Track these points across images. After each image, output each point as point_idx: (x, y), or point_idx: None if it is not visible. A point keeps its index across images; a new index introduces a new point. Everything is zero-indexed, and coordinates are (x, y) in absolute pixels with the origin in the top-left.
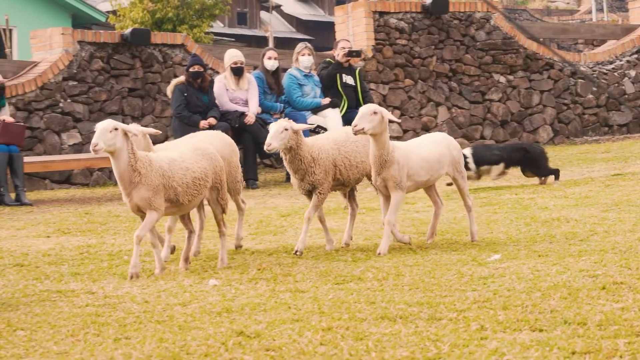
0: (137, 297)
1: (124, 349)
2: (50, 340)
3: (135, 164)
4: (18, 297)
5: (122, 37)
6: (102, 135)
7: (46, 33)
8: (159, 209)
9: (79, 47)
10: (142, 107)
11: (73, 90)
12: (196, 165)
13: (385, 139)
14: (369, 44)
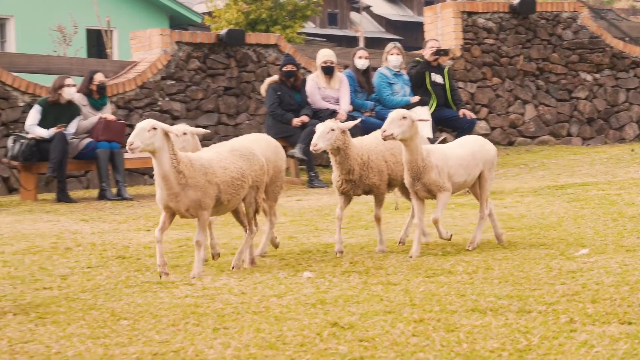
0: (234, 289)
1: (223, 338)
2: (152, 330)
3: (178, 165)
4: (121, 288)
5: (218, 37)
6: (139, 134)
7: (145, 34)
8: (208, 208)
9: (176, 48)
10: (237, 105)
11: (171, 89)
12: (233, 165)
13: (416, 143)
14: (458, 43)
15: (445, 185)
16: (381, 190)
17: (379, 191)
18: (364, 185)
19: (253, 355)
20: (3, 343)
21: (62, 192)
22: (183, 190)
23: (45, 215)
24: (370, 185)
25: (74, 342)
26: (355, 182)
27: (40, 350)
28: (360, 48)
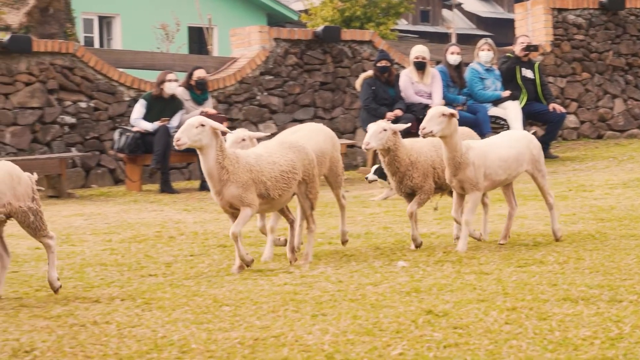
0: (331, 277)
1: (321, 324)
2: (253, 316)
3: (223, 161)
4: (222, 276)
5: (315, 34)
6: (187, 131)
7: (245, 31)
8: (252, 204)
9: (274, 44)
10: (333, 100)
11: (269, 84)
12: (283, 159)
13: (456, 140)
14: (548, 39)
15: (478, 185)
16: (425, 191)
17: (422, 192)
18: (405, 187)
19: (351, 341)
20: (112, 327)
21: (166, 183)
22: (224, 186)
23: (150, 205)
24: (413, 186)
25: (179, 326)
26: (398, 184)
27: (147, 335)
28: (452, 44)
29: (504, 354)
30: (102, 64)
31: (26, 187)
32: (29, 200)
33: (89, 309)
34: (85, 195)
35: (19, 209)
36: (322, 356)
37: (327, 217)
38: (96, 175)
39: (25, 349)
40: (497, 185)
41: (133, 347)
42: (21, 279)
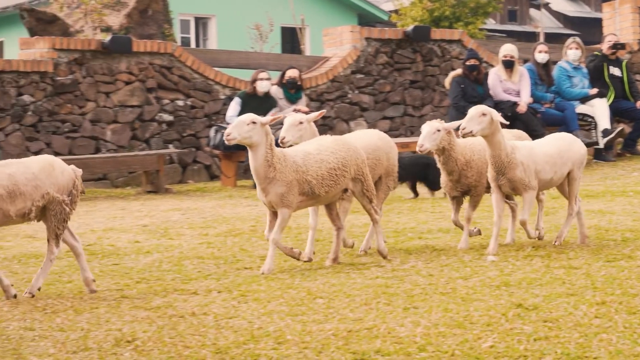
0: (422, 271)
1: (413, 317)
2: (346, 308)
3: (272, 159)
4: (315, 269)
5: (405, 33)
6: (238, 127)
7: (337, 31)
8: (291, 205)
9: (365, 43)
10: (422, 98)
11: (360, 82)
12: (332, 157)
13: (498, 139)
14: (635, 37)
15: (531, 184)
16: (478, 191)
17: (475, 191)
18: (461, 185)
19: (442, 334)
20: (209, 318)
21: None
22: (270, 184)
23: (245, 200)
24: (468, 185)
25: (274, 318)
26: (454, 183)
27: (243, 326)
28: (540, 42)
29: (594, 347)
30: (198, 64)
31: (68, 180)
32: (66, 194)
33: (188, 301)
34: (182, 190)
35: (55, 199)
36: (415, 348)
37: (417, 213)
38: (192, 171)
39: (127, 339)
40: (544, 187)
41: (230, 337)
42: (122, 271)
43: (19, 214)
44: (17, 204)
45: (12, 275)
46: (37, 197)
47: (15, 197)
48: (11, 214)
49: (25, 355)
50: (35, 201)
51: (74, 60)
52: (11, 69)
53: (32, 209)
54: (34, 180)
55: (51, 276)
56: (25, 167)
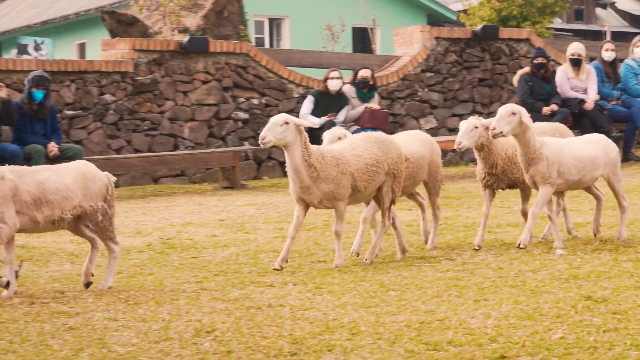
0: (491, 264)
1: (483, 309)
2: (418, 300)
3: (309, 159)
4: (388, 262)
5: (474, 33)
6: (272, 129)
7: (407, 31)
8: (345, 198)
9: (435, 43)
10: (491, 96)
11: (430, 81)
12: (367, 152)
13: (528, 137)
14: None
15: (550, 180)
16: (526, 184)
17: (523, 185)
18: (507, 180)
19: (512, 325)
20: (286, 310)
21: None
22: (315, 183)
23: None
24: (514, 180)
25: (348, 310)
26: (499, 176)
27: (318, 317)
28: (607, 41)
29: None
30: (273, 63)
31: (100, 187)
32: (101, 200)
33: (264, 293)
34: (257, 186)
35: (89, 208)
36: (486, 339)
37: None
38: (267, 167)
39: (206, 330)
40: (571, 186)
41: (306, 328)
42: (200, 264)
43: (47, 220)
44: (44, 211)
45: (95, 268)
46: (67, 207)
47: (41, 204)
48: (38, 220)
49: (109, 345)
50: (65, 211)
51: (154, 61)
52: (93, 70)
53: (63, 217)
54: (65, 190)
55: (133, 269)
56: (57, 176)
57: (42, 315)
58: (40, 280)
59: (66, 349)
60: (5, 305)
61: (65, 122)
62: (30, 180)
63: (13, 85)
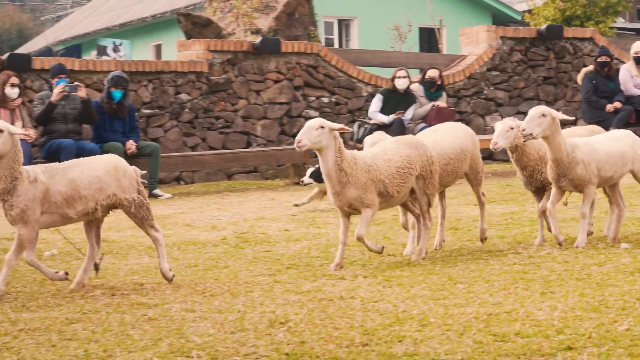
0: (557, 258)
1: (550, 301)
2: (486, 293)
3: (342, 163)
4: (455, 256)
5: (538, 32)
6: (307, 133)
7: (473, 30)
8: (373, 205)
9: (500, 42)
10: (555, 93)
11: (495, 79)
12: (397, 155)
13: (558, 140)
14: None
15: (592, 180)
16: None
17: (550, 186)
18: (536, 181)
19: (579, 317)
20: (357, 302)
21: None
22: (344, 188)
23: None
24: (542, 181)
25: (418, 302)
26: (528, 179)
27: (389, 309)
28: None
29: None
30: (342, 63)
31: (131, 180)
32: (135, 192)
33: (336, 285)
34: None
35: (124, 200)
36: (553, 330)
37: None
38: None
39: (280, 321)
40: (604, 182)
41: (377, 320)
42: (273, 257)
43: (80, 214)
44: (76, 207)
45: (172, 261)
46: (101, 197)
47: (74, 201)
48: (71, 215)
49: (187, 335)
50: (99, 201)
51: (227, 61)
52: (169, 70)
53: (97, 208)
54: (97, 183)
55: (208, 262)
56: (89, 170)
57: (122, 306)
58: (120, 273)
59: (146, 339)
60: (88, 296)
61: (142, 120)
62: (62, 180)
63: (93, 85)
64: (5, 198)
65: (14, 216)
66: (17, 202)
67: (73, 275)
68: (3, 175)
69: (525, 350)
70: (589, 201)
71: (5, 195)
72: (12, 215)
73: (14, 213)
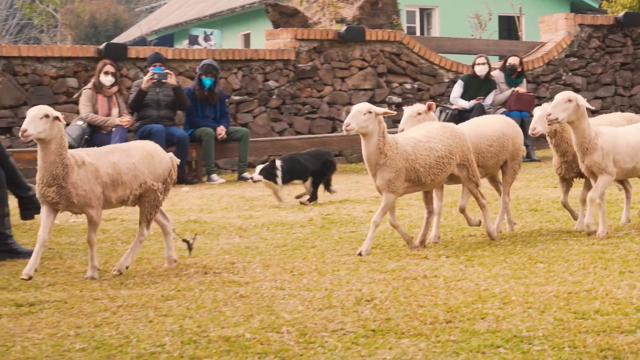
0: (635, 238)
1: (628, 280)
2: (566, 272)
3: (383, 147)
4: (535, 236)
5: (616, 19)
6: (355, 117)
7: (552, 18)
8: (396, 191)
9: (579, 29)
10: (632, 79)
11: (573, 65)
12: (441, 144)
13: (583, 126)
14: None
15: (607, 169)
16: (607, 170)
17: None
18: (577, 167)
19: None
20: (440, 281)
21: None
22: (380, 169)
23: None
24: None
25: (499, 281)
26: (570, 164)
27: (471, 287)
28: None
29: None
30: (424, 50)
31: (165, 169)
32: (161, 182)
33: (419, 265)
34: None
35: (151, 187)
36: (632, 309)
37: None
38: None
39: (366, 298)
40: (626, 174)
41: (459, 298)
42: (358, 238)
43: (119, 200)
44: (118, 192)
45: (261, 241)
46: (135, 185)
47: (117, 185)
48: (112, 200)
49: (277, 312)
50: (133, 189)
51: (313, 49)
52: (258, 58)
53: (130, 196)
54: (134, 170)
55: (296, 242)
56: (127, 156)
57: (215, 284)
58: (212, 252)
59: (237, 315)
60: (182, 275)
61: (232, 106)
62: (106, 162)
63: (185, 73)
64: (61, 184)
65: (76, 204)
66: (75, 188)
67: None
68: (54, 161)
69: (605, 327)
70: (603, 190)
71: (61, 181)
72: (74, 203)
73: (76, 201)
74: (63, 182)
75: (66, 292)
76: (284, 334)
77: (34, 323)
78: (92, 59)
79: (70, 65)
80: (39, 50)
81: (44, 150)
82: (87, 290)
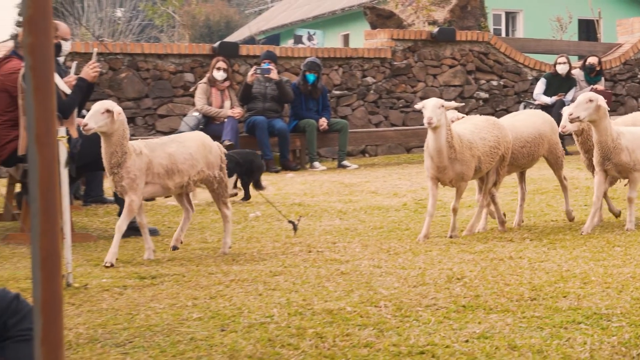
0: None
1: None
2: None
3: (452, 140)
4: (612, 222)
5: None
6: (434, 111)
7: (629, 22)
8: (469, 179)
9: None
10: None
11: None
12: (490, 134)
13: (605, 125)
14: None
15: (636, 167)
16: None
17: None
18: (614, 162)
19: None
20: (524, 262)
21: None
22: (451, 164)
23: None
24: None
25: (579, 262)
26: (591, 161)
27: (553, 268)
28: None
29: None
30: (510, 50)
31: (216, 157)
32: (217, 169)
33: (505, 247)
34: None
35: (209, 177)
36: None
37: None
38: None
39: (457, 277)
40: None
41: (543, 277)
42: (449, 221)
43: (177, 186)
44: (174, 179)
45: (359, 223)
46: (193, 173)
47: (173, 174)
48: (170, 186)
49: (375, 287)
50: (191, 176)
51: (408, 48)
52: (357, 56)
53: (190, 182)
54: (190, 159)
55: (392, 225)
56: (183, 147)
57: (318, 261)
58: (315, 233)
59: (339, 290)
60: (288, 253)
61: (333, 100)
62: (162, 153)
63: (291, 69)
64: (115, 171)
65: (124, 186)
66: (127, 172)
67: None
68: (115, 151)
69: None
70: (636, 186)
71: (116, 168)
72: (122, 185)
73: (124, 183)
74: (117, 169)
75: (184, 266)
76: (382, 308)
77: (155, 294)
78: (207, 56)
79: (187, 62)
80: (160, 48)
81: (107, 142)
82: (203, 266)
